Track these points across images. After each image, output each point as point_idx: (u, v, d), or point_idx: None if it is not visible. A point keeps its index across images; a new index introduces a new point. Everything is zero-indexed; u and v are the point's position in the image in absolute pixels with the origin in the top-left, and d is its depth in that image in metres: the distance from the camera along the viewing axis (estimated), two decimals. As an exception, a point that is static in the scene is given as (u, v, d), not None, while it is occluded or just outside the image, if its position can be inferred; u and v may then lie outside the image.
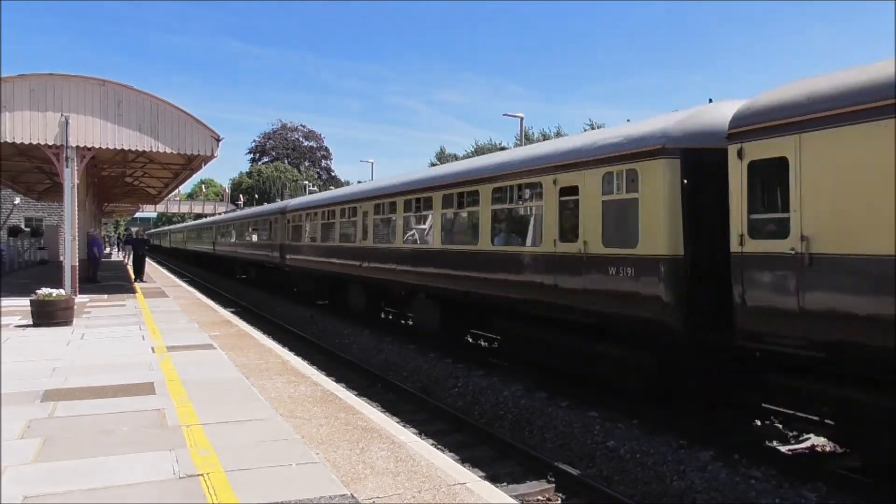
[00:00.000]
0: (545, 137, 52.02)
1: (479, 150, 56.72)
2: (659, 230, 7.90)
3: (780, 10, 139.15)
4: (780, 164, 6.58)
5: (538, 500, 6.91)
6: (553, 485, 7.13)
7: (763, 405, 8.29)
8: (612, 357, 8.96)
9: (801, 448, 7.96)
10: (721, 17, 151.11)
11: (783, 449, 7.88)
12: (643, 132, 8.47)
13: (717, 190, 7.31)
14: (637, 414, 8.78)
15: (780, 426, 8.32)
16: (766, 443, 8.02)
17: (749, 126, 6.92)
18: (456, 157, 57.52)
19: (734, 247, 7.03)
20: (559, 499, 6.95)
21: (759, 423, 8.38)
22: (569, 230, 9.49)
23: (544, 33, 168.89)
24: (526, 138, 39.27)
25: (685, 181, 7.79)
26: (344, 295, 19.92)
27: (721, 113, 7.76)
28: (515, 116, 32.41)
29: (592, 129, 36.08)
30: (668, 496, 6.79)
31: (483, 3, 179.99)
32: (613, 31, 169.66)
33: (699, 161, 7.80)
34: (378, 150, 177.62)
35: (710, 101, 8.62)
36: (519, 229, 11.14)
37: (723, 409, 8.29)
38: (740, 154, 7.00)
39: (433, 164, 56.85)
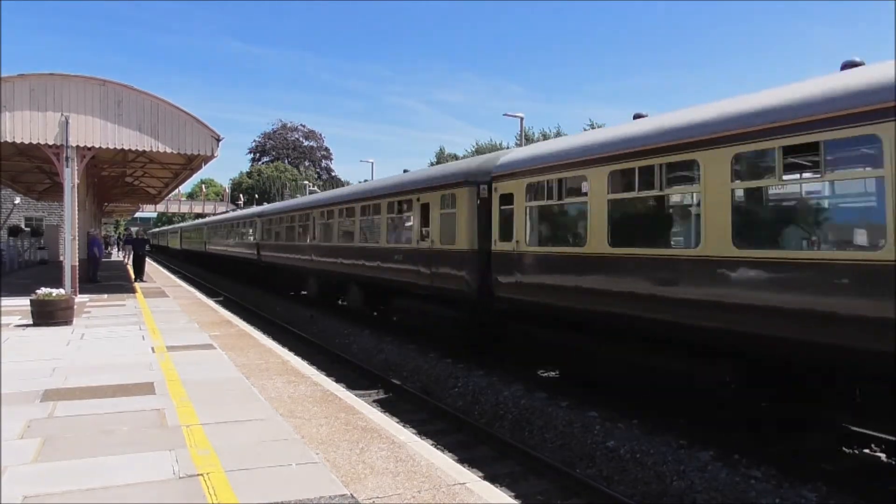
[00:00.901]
0: (545, 137, 52.15)
1: (480, 150, 57.08)
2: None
3: (781, 11, 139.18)
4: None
5: (538, 499, 6.91)
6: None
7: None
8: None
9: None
10: (721, 17, 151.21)
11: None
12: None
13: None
14: (637, 414, 8.78)
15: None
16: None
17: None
18: (456, 157, 57.78)
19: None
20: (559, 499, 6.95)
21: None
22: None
23: (544, 33, 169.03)
24: (526, 138, 39.26)
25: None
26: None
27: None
28: (515, 116, 32.45)
29: (592, 128, 36.00)
30: (668, 496, 6.79)
31: (483, 3, 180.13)
32: (613, 31, 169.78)
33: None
34: (378, 150, 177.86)
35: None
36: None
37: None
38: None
39: (433, 164, 56.86)
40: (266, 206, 32.94)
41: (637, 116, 9.82)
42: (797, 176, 7.33)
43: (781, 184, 7.03)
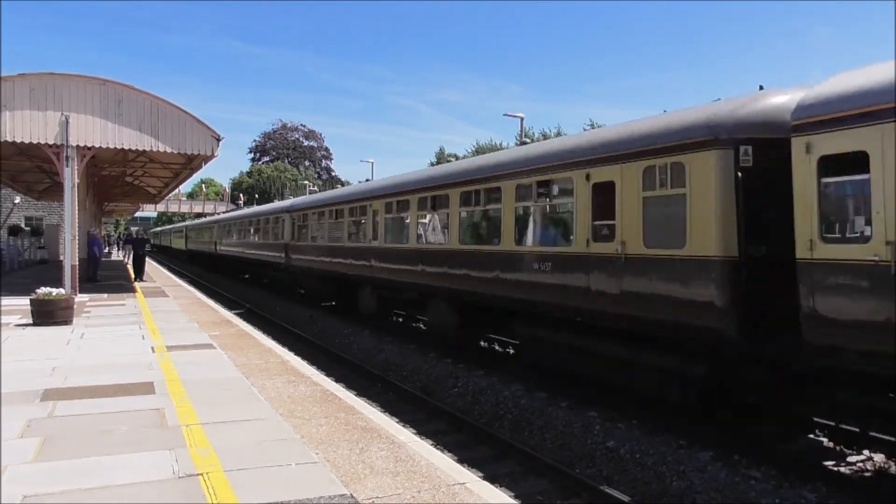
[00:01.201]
0: (545, 137, 52.00)
1: (480, 150, 56.65)
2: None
3: (781, 11, 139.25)
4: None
5: (538, 499, 6.91)
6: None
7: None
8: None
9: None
10: (721, 17, 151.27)
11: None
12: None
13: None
14: (637, 414, 8.78)
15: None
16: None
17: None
18: (456, 157, 57.46)
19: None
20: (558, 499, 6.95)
21: None
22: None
23: (544, 33, 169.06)
24: (526, 138, 39.26)
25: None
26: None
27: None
28: (515, 116, 32.43)
29: (592, 128, 36.02)
30: (667, 496, 6.79)
31: (483, 3, 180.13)
32: (613, 32, 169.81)
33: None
34: (378, 150, 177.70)
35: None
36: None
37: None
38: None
39: (432, 164, 56.78)
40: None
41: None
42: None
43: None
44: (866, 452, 7.48)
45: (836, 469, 7.17)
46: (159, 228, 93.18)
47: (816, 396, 7.11)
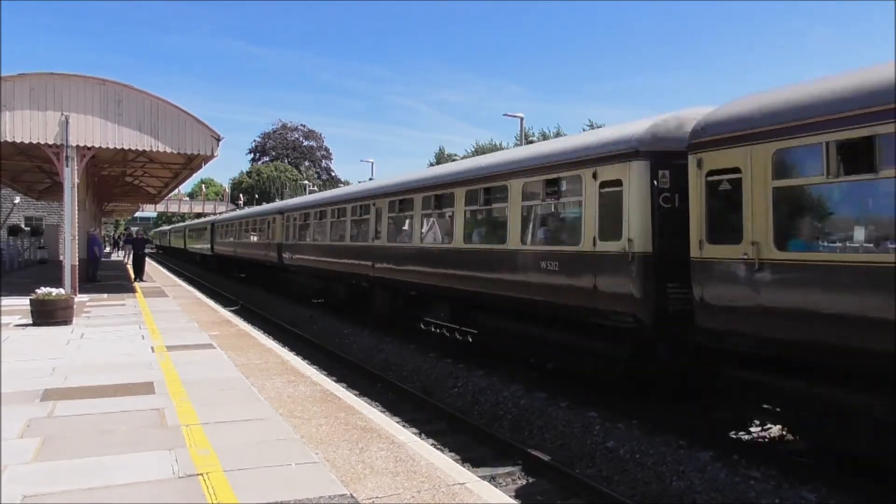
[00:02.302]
0: (545, 137, 52.03)
1: (480, 150, 56.66)
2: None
3: (781, 11, 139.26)
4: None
5: (538, 500, 6.91)
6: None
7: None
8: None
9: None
10: (721, 17, 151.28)
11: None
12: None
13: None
14: (637, 414, 8.78)
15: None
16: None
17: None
18: (456, 157, 57.52)
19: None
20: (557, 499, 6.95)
21: None
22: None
23: (544, 33, 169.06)
24: (526, 138, 39.28)
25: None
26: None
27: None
28: (515, 116, 32.44)
29: (592, 128, 36.07)
30: (667, 496, 6.79)
31: (483, 4, 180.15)
32: (613, 32, 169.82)
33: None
34: (378, 150, 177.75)
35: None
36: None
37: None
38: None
39: (432, 165, 56.84)
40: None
41: None
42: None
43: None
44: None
45: (836, 469, 7.18)
46: (166, 227, 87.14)
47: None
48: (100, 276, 24.52)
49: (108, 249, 49.62)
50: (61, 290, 13.95)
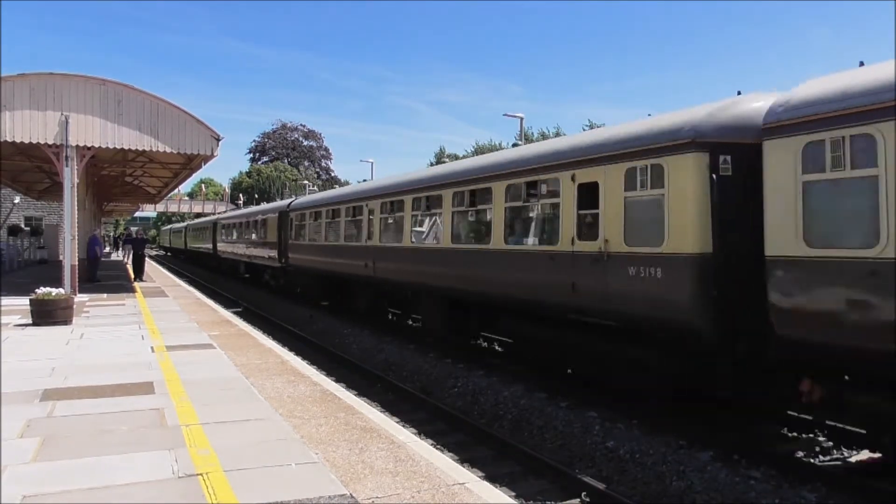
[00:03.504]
0: (544, 137, 51.99)
1: (480, 150, 56.61)
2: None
3: (781, 11, 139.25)
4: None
5: (538, 500, 6.91)
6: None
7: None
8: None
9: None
10: (721, 17, 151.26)
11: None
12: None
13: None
14: (637, 414, 8.78)
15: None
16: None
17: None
18: (456, 157, 57.48)
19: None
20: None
21: None
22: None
23: (544, 33, 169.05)
24: (525, 138, 39.28)
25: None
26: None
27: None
28: (515, 116, 32.41)
29: (591, 128, 36.03)
30: (667, 496, 6.78)
31: (483, 4, 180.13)
32: (613, 32, 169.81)
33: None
34: (378, 150, 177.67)
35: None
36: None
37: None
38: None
39: (432, 164, 56.76)
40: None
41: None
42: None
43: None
44: (866, 452, 7.48)
45: (836, 469, 7.17)
46: (172, 226, 77.66)
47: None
48: (99, 276, 24.54)
49: (107, 249, 49.55)
50: (61, 290, 13.95)
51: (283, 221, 25.16)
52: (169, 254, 75.93)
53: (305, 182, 76.00)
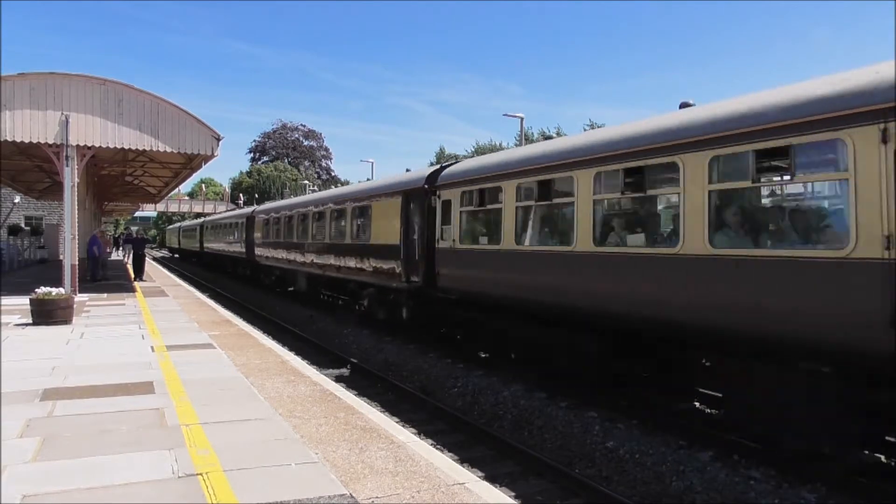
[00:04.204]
0: (545, 137, 52.07)
1: (480, 150, 56.94)
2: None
3: (781, 11, 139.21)
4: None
5: (538, 500, 6.91)
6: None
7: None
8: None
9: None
10: (721, 17, 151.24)
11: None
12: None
13: None
14: (637, 414, 8.78)
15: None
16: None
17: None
18: (456, 157, 57.58)
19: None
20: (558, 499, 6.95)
21: None
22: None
23: (545, 33, 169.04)
24: (526, 138, 39.28)
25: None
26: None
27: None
28: (515, 116, 32.46)
29: (592, 128, 36.05)
30: (667, 496, 6.78)
31: (483, 4, 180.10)
32: (613, 32, 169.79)
33: None
34: (378, 150, 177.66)
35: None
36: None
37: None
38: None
39: (432, 164, 56.80)
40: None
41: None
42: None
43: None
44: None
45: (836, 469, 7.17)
46: (179, 224, 71.72)
47: None
48: (104, 275, 24.60)
49: (109, 250, 49.48)
50: (61, 290, 13.94)
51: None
52: (177, 256, 67.50)
53: (305, 182, 76.00)
